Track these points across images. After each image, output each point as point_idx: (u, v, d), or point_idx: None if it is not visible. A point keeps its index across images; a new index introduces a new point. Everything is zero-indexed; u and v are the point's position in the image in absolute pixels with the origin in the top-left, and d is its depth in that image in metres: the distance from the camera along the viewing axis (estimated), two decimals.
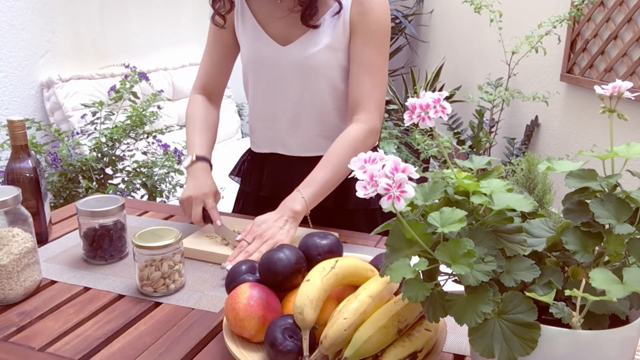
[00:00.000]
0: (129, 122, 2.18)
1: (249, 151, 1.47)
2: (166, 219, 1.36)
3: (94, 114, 2.18)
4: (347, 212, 1.32)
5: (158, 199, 2.24)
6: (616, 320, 0.62)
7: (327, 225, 1.28)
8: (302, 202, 1.15)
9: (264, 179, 1.40)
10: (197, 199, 1.22)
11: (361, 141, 1.21)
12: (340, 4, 1.20)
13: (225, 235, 1.19)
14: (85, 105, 2.25)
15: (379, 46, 1.23)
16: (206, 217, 1.22)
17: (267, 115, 1.34)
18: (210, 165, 1.31)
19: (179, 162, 2.28)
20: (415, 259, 0.64)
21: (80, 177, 2.13)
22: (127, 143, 2.21)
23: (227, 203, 1.60)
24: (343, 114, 1.31)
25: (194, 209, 1.22)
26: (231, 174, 1.51)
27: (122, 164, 2.22)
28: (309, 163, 1.32)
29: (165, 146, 2.28)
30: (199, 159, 1.28)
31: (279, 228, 1.11)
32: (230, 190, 1.73)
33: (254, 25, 1.28)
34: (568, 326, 0.60)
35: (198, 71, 1.41)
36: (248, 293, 0.82)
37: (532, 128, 3.26)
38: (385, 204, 0.60)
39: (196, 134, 1.33)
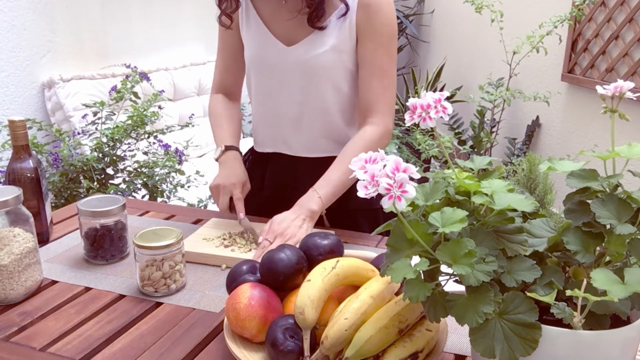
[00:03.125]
0: (130, 122, 2.18)
1: (251, 151, 1.47)
2: (167, 219, 1.36)
3: (95, 114, 2.18)
4: (349, 212, 1.33)
5: (159, 199, 2.23)
6: (617, 320, 0.62)
7: (329, 226, 1.28)
8: (318, 201, 1.17)
9: (267, 179, 1.40)
10: (225, 189, 1.25)
11: (375, 142, 1.23)
12: (347, 5, 1.20)
13: (247, 228, 1.20)
14: (87, 105, 2.25)
15: (386, 48, 1.23)
16: (232, 207, 1.24)
17: (270, 114, 1.34)
18: (241, 154, 1.35)
19: (180, 162, 2.28)
20: (416, 259, 0.64)
21: (82, 177, 2.13)
22: (128, 143, 2.21)
23: None
24: (346, 115, 1.31)
25: (221, 197, 1.25)
26: None
27: (123, 164, 2.22)
28: (312, 163, 1.33)
29: (166, 146, 2.28)
30: (228, 148, 1.31)
31: (298, 227, 1.12)
32: None
33: (258, 25, 1.28)
34: (569, 326, 0.60)
35: (214, 72, 1.45)
36: (249, 293, 0.82)
37: (533, 128, 3.26)
38: (386, 204, 0.60)
39: (221, 127, 1.37)
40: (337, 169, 1.21)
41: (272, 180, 1.39)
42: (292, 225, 1.12)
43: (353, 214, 1.34)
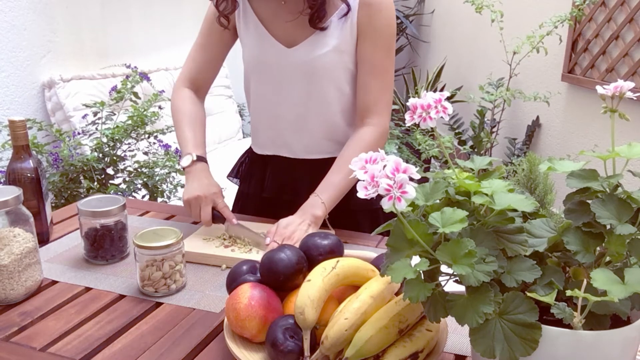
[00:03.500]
0: (130, 122, 2.18)
1: (249, 152, 1.46)
2: (167, 219, 1.36)
3: (95, 114, 2.18)
4: (349, 212, 1.32)
5: (159, 199, 2.24)
6: (617, 320, 0.62)
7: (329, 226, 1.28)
8: (322, 207, 1.18)
9: (266, 181, 1.39)
10: (207, 199, 1.22)
11: (374, 144, 1.23)
12: (348, 5, 1.19)
13: (239, 234, 1.19)
14: (87, 106, 2.25)
15: (386, 49, 1.23)
16: (215, 217, 1.22)
17: (271, 116, 1.33)
18: (208, 164, 1.31)
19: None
20: (416, 259, 0.64)
21: (82, 177, 2.13)
22: (129, 143, 2.21)
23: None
24: (348, 116, 1.31)
25: (203, 208, 1.21)
26: (229, 175, 1.51)
27: (123, 164, 2.22)
28: (312, 165, 1.32)
29: (167, 146, 2.28)
30: (199, 159, 1.27)
31: (304, 231, 1.13)
32: (229, 191, 1.73)
33: (257, 27, 1.27)
34: (569, 327, 0.60)
35: (186, 64, 1.38)
36: (249, 293, 0.82)
37: (534, 128, 3.26)
38: (386, 205, 0.60)
39: (190, 132, 1.31)
40: (337, 172, 1.21)
41: (272, 182, 1.38)
42: (299, 229, 1.13)
43: (353, 214, 1.34)
